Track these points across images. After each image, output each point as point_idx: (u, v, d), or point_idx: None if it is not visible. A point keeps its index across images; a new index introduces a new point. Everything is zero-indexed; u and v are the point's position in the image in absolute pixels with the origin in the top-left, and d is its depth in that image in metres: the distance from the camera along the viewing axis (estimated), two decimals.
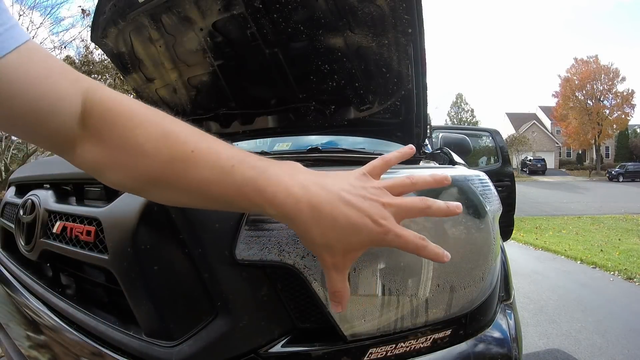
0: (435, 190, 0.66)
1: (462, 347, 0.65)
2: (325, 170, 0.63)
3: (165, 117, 0.42)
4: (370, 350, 0.58)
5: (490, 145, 3.80)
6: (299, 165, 0.44)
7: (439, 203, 0.44)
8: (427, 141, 1.50)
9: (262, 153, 1.63)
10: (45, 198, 0.85)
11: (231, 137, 1.80)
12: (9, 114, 0.36)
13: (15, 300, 0.89)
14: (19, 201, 0.96)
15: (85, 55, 7.71)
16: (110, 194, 0.73)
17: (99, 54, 7.68)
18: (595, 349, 2.21)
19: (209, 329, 0.56)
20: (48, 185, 0.93)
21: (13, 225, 0.99)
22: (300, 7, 1.11)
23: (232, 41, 1.31)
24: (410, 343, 0.60)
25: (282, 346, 0.56)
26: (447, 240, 0.64)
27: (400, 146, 1.36)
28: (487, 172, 0.91)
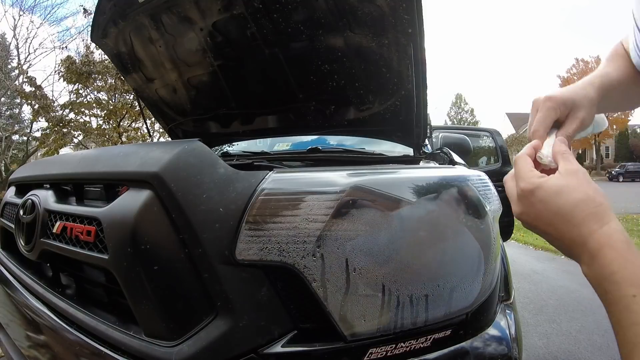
0: (435, 189, 0.66)
1: (462, 347, 0.65)
2: (326, 170, 0.63)
3: None
4: (370, 350, 0.58)
5: (490, 145, 3.80)
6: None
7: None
8: (427, 141, 1.50)
9: (262, 153, 1.63)
10: (45, 198, 0.85)
11: (231, 137, 1.80)
12: None
13: (15, 300, 0.89)
14: (19, 201, 0.96)
15: (86, 55, 7.70)
16: (110, 194, 0.73)
17: (99, 54, 7.67)
18: (595, 349, 2.21)
19: (209, 329, 0.56)
20: (48, 185, 0.93)
21: (13, 225, 0.99)
22: (300, 7, 1.11)
23: (232, 41, 1.31)
24: (410, 343, 0.60)
25: (282, 346, 0.56)
26: (447, 241, 0.64)
27: (400, 146, 1.37)
28: (487, 172, 0.91)
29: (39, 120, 8.16)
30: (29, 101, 7.61)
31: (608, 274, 0.34)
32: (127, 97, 7.91)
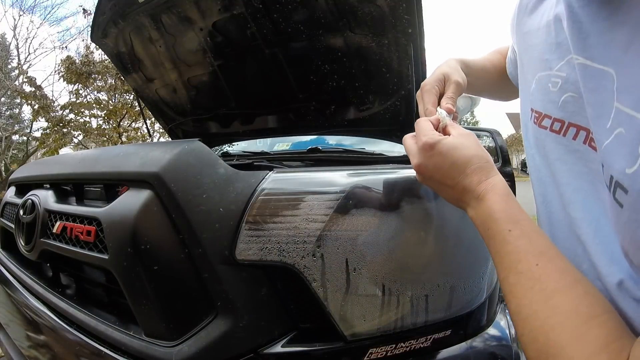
0: None
1: (462, 347, 0.65)
2: (326, 170, 0.63)
3: None
4: (370, 350, 0.58)
5: (490, 145, 3.79)
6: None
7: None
8: None
9: (262, 153, 1.63)
10: (45, 198, 0.85)
11: (231, 137, 1.80)
12: None
13: (15, 300, 0.89)
14: (19, 201, 0.96)
15: (86, 55, 7.70)
16: (110, 194, 0.73)
17: (99, 54, 7.67)
18: None
19: (209, 329, 0.56)
20: (48, 185, 0.93)
21: (13, 225, 0.99)
22: (300, 7, 1.11)
23: (232, 41, 1.31)
24: (410, 343, 0.60)
25: (282, 346, 0.56)
26: (447, 240, 0.64)
27: (400, 146, 1.37)
28: None
29: (39, 120, 8.17)
30: (29, 101, 7.61)
31: (490, 213, 0.41)
32: (127, 97, 7.91)
